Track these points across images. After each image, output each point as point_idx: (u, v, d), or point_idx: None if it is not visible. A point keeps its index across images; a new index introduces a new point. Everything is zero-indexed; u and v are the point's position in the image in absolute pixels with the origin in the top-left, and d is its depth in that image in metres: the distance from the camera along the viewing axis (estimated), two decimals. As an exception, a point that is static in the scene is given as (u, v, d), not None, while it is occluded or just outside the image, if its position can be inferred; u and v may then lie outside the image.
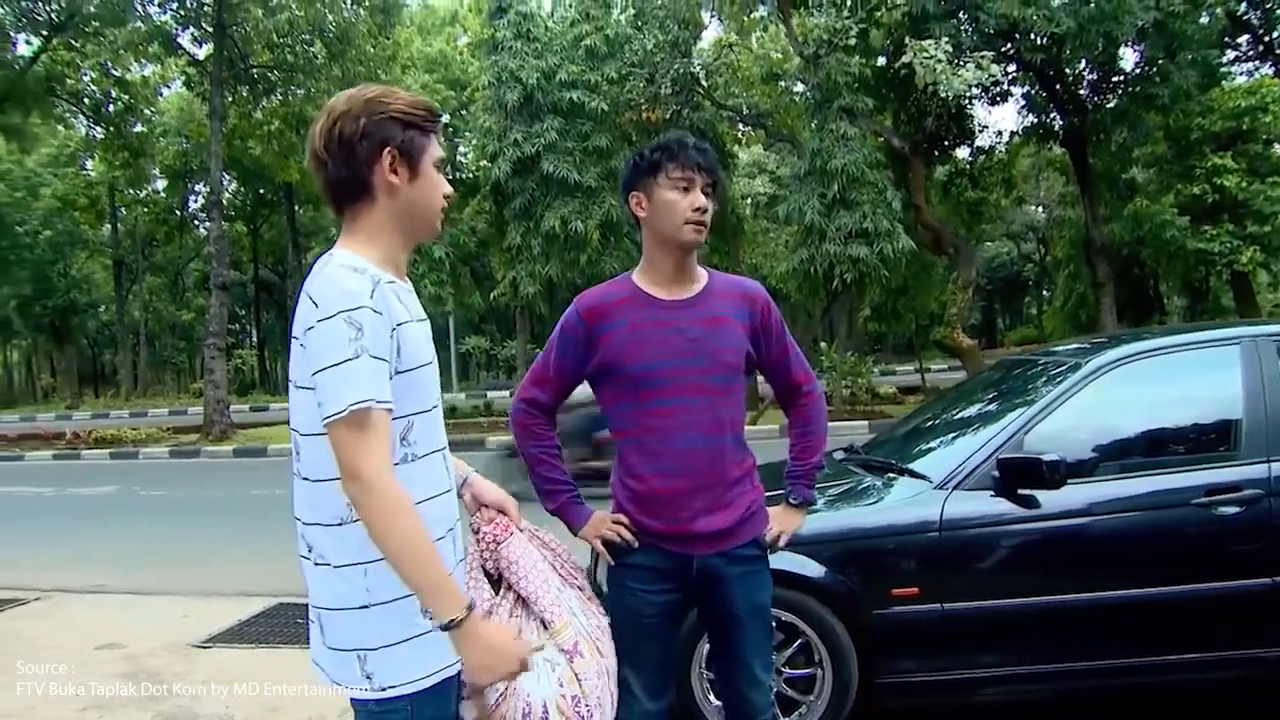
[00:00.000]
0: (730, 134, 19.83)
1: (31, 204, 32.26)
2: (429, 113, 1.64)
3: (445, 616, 1.44)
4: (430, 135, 1.64)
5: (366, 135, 1.57)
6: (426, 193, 1.64)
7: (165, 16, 18.37)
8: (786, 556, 3.04)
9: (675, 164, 2.07)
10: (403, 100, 1.61)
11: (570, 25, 17.74)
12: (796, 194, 14.45)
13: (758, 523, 2.15)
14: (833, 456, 3.97)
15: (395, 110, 1.59)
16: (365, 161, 1.58)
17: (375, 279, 1.51)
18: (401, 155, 1.60)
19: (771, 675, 2.23)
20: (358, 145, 1.57)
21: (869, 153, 13.63)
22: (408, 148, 1.60)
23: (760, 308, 2.15)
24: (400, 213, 1.62)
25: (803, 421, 2.27)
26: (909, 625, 3.01)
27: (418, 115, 1.61)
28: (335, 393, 1.43)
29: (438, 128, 1.67)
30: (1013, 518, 3.03)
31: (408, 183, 1.61)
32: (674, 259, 2.12)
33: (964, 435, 3.48)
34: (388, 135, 1.58)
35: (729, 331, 2.10)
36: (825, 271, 13.63)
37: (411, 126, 1.60)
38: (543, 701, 1.62)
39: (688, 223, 2.06)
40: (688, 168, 2.07)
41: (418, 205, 1.64)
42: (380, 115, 1.58)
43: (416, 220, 1.65)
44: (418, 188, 1.62)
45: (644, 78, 16.38)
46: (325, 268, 1.51)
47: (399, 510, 1.43)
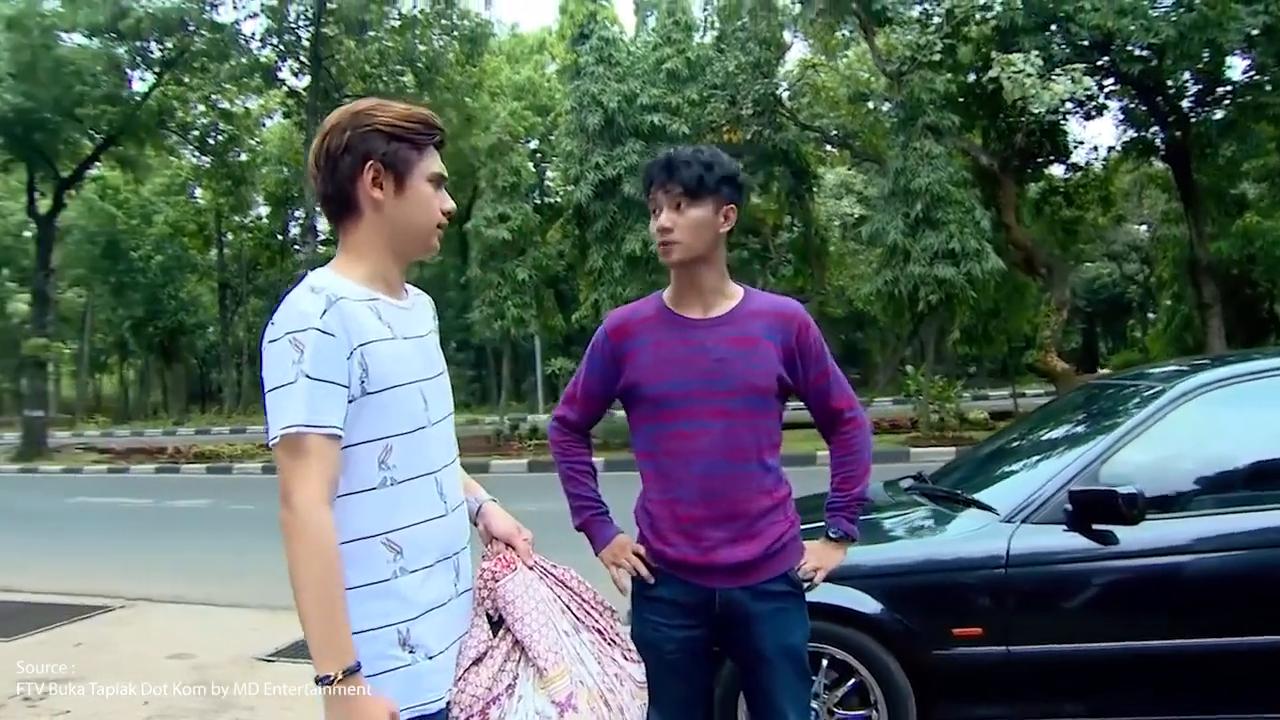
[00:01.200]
0: (815, 154, 19.60)
1: (145, 230, 34.08)
2: (424, 125, 1.58)
3: (320, 670, 1.36)
4: (424, 149, 1.58)
5: (350, 149, 1.53)
6: (415, 208, 1.57)
7: (267, 51, 19.26)
8: (840, 590, 2.90)
9: (647, 190, 2.01)
10: (392, 113, 1.56)
11: (652, 49, 17.83)
12: (880, 214, 14.15)
13: (788, 557, 2.01)
14: (898, 485, 3.80)
15: (380, 123, 1.54)
16: (348, 176, 1.54)
17: (331, 299, 1.45)
18: (386, 169, 1.54)
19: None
20: (341, 160, 1.53)
21: (955, 171, 13.23)
22: (392, 161, 1.54)
23: (797, 327, 2.00)
24: (387, 228, 1.57)
25: (844, 450, 2.10)
26: (971, 668, 2.81)
27: (408, 128, 1.55)
28: (273, 416, 1.40)
29: (432, 141, 1.59)
30: (1087, 555, 2.80)
31: (393, 197, 1.55)
32: (679, 278, 2.03)
33: (1035, 464, 3.27)
34: (371, 148, 1.53)
35: (758, 352, 1.97)
36: (909, 293, 13.25)
37: (399, 140, 1.54)
38: None
39: (661, 244, 1.98)
40: (651, 190, 1.99)
41: (405, 221, 1.57)
42: (364, 128, 1.53)
43: (405, 236, 1.59)
44: (404, 203, 1.56)
45: (725, 99, 16.32)
46: (293, 288, 1.48)
47: (314, 545, 1.37)
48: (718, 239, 2.00)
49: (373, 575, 1.48)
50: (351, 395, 1.45)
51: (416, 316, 1.65)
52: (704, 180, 1.93)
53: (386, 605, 1.48)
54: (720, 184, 1.95)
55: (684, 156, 1.96)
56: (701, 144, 13.52)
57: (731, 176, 1.97)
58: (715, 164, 1.95)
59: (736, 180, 1.99)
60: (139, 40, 18.05)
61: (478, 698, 1.54)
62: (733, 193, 1.98)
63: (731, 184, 1.98)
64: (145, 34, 17.82)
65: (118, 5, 16.98)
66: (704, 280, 2.01)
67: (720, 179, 1.95)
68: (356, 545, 1.47)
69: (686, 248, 1.96)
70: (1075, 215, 18.96)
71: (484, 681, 1.55)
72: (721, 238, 2.01)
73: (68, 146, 20.49)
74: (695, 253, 1.97)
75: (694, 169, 1.93)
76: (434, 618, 1.53)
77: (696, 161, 1.94)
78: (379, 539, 1.48)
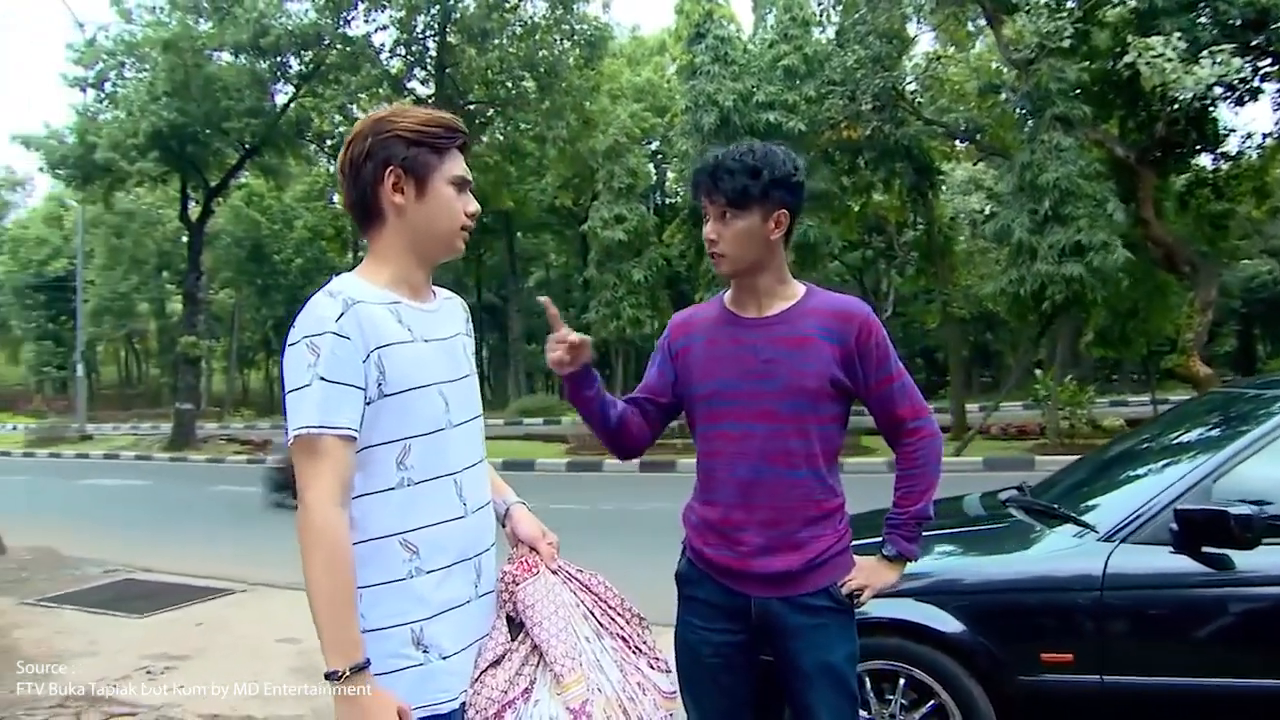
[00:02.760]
0: (938, 150, 18.89)
1: (286, 235, 36.13)
2: (445, 129, 1.58)
3: (328, 665, 1.38)
4: (445, 153, 1.58)
5: (371, 155, 1.55)
6: (436, 212, 1.58)
7: (395, 62, 20.07)
8: (918, 607, 2.76)
9: (694, 196, 1.96)
10: (412, 118, 1.57)
11: (768, 46, 17.60)
12: (1006, 210, 13.50)
13: (832, 571, 1.91)
14: (995, 496, 3.59)
15: (400, 128, 1.55)
16: (370, 182, 1.56)
17: (349, 302, 1.47)
18: (406, 174, 1.56)
19: None
20: (363, 167, 1.56)
21: (1087, 164, 12.45)
22: (411, 166, 1.55)
23: (857, 328, 1.89)
24: (409, 232, 1.58)
25: (907, 464, 1.97)
26: (1060, 697, 2.61)
27: (428, 132, 1.56)
28: (291, 418, 1.43)
29: (454, 144, 1.60)
30: (1194, 580, 2.56)
31: (415, 201, 1.57)
32: (735, 280, 1.98)
33: (1141, 478, 3.02)
34: (391, 154, 1.55)
35: (812, 354, 1.88)
36: (1035, 292, 12.57)
37: (419, 144, 1.56)
38: None
39: (710, 254, 1.94)
40: (701, 198, 1.93)
41: (427, 225, 1.59)
42: (385, 134, 1.55)
43: (428, 240, 1.60)
44: (425, 207, 1.57)
45: (844, 95, 15.92)
46: (315, 293, 1.50)
47: (324, 544, 1.40)
48: (770, 245, 1.92)
49: (388, 574, 1.49)
50: (369, 397, 1.48)
51: (443, 319, 1.65)
52: (748, 190, 1.86)
53: (401, 604, 1.49)
54: (769, 190, 1.86)
55: (729, 164, 1.88)
56: (818, 141, 13.15)
57: (783, 179, 1.87)
58: (764, 169, 1.86)
59: (790, 182, 1.89)
60: (279, 56, 19.15)
61: (493, 700, 1.52)
62: (785, 196, 1.89)
63: (784, 187, 1.88)
64: (284, 50, 18.89)
65: (260, 24, 18.06)
66: (759, 283, 1.95)
67: (768, 185, 1.86)
68: (373, 544, 1.49)
69: (734, 259, 1.91)
70: (1226, 209, 17.51)
71: (500, 684, 1.54)
72: (776, 243, 1.92)
73: (216, 157, 21.95)
74: (744, 263, 1.92)
75: (738, 179, 1.85)
76: (450, 618, 1.53)
77: (742, 169, 1.86)
78: (395, 539, 1.50)
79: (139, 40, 19.98)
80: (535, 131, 20.61)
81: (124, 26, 20.91)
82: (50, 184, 31.40)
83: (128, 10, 20.94)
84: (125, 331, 47.60)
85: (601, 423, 2.02)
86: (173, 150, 20.32)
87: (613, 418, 2.01)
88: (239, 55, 19.12)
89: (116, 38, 20.69)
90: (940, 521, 3.49)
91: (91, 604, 6.07)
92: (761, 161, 1.87)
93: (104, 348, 52.38)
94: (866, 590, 1.93)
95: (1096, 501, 3.03)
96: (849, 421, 1.99)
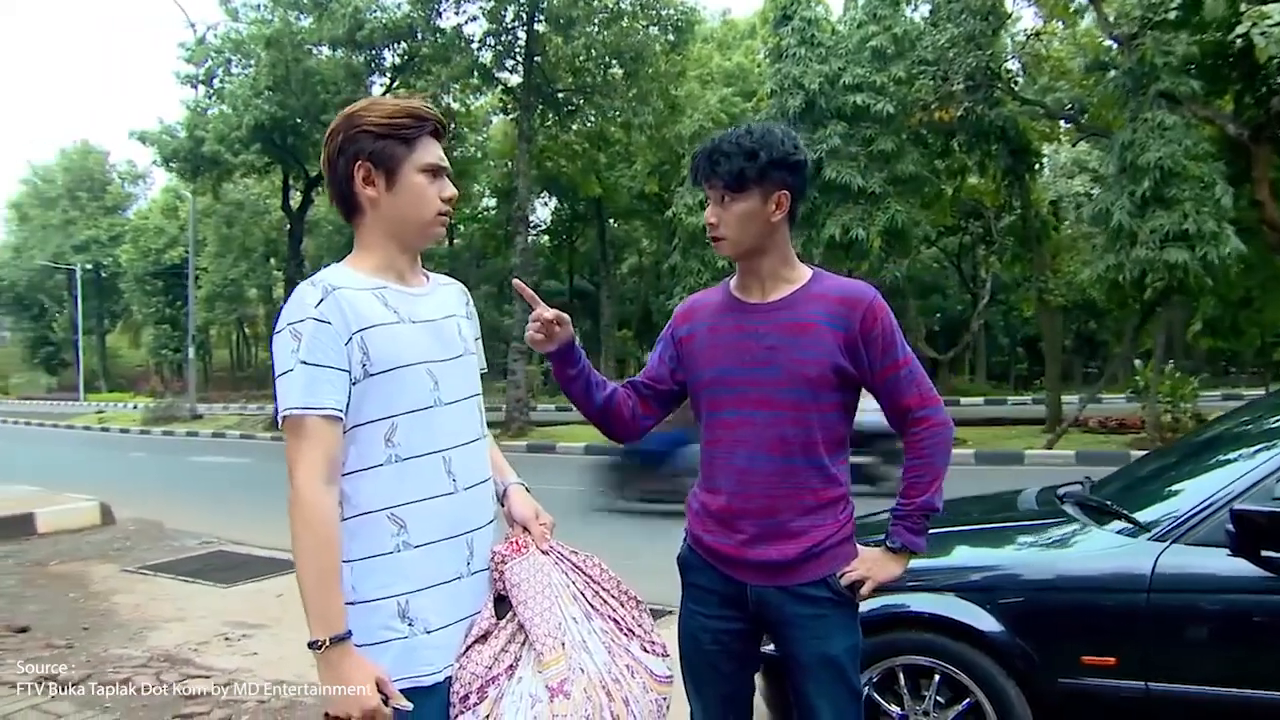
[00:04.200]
0: (1037, 131, 18.12)
1: (384, 223, 37.17)
2: (413, 119, 1.62)
3: (311, 635, 1.45)
4: (414, 142, 1.62)
5: (342, 151, 1.62)
6: (408, 202, 1.63)
7: (485, 52, 20.41)
8: (956, 603, 2.71)
9: (694, 181, 1.94)
10: (379, 111, 1.61)
11: (857, 27, 17.20)
12: (1105, 193, 12.88)
13: (831, 561, 1.88)
14: (1053, 492, 3.46)
15: (367, 123, 1.60)
16: (345, 177, 1.62)
17: (328, 289, 1.53)
18: (376, 167, 1.61)
19: None
20: (338, 163, 1.62)
21: (1193, 143, 11.73)
22: (380, 158, 1.60)
23: (862, 314, 1.85)
24: (385, 223, 1.64)
25: (915, 453, 1.91)
26: (1102, 701, 2.52)
27: (394, 124, 1.60)
28: (279, 401, 1.50)
29: (424, 133, 1.63)
30: (1250, 585, 2.42)
31: (386, 193, 1.62)
32: (740, 265, 1.97)
33: (1200, 476, 2.87)
34: (359, 149, 1.60)
35: (813, 340, 1.85)
36: (1135, 280, 11.95)
37: (386, 137, 1.60)
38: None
39: (710, 238, 1.92)
40: (700, 182, 1.92)
41: (400, 214, 1.64)
42: (354, 129, 1.61)
43: (404, 229, 1.65)
44: (397, 197, 1.62)
45: (936, 75, 15.43)
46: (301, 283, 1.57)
47: (309, 521, 1.46)
48: (772, 227, 1.90)
49: (376, 548, 1.55)
50: (355, 378, 1.54)
51: (435, 302, 1.70)
52: (745, 173, 1.84)
53: (388, 577, 1.54)
54: (767, 171, 1.84)
55: (726, 147, 1.86)
56: (909, 123, 12.70)
57: (781, 160, 1.85)
58: (760, 150, 1.84)
59: (789, 162, 1.86)
60: (373, 49, 19.69)
61: (478, 675, 1.57)
62: (785, 176, 1.86)
63: (783, 167, 1.85)
64: (378, 43, 19.41)
65: (355, 18, 18.60)
66: (762, 267, 1.94)
67: (765, 166, 1.84)
68: (362, 519, 1.55)
69: (734, 243, 1.90)
70: (1355, 190, 16.31)
71: (485, 660, 1.58)
72: (778, 225, 1.90)
73: (315, 149, 22.67)
74: (745, 246, 1.90)
75: (734, 161, 1.84)
76: (437, 592, 1.58)
77: (739, 152, 1.84)
78: (383, 513, 1.55)
79: (244, 38, 20.85)
80: (622, 118, 20.67)
81: (231, 25, 21.87)
82: (167, 177, 33.15)
83: (234, 9, 21.87)
84: (236, 316, 49.93)
85: (586, 404, 2.03)
86: (274, 142, 21.14)
87: (598, 399, 2.02)
88: (336, 49, 19.74)
89: (224, 36, 21.62)
90: (989, 516, 3.41)
91: (184, 573, 6.44)
92: (758, 143, 1.85)
93: (216, 332, 55.07)
94: (869, 582, 1.89)
95: (1151, 498, 2.89)
96: (857, 409, 1.95)
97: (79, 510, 8.54)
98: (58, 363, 59.61)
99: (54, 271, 54.04)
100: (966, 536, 3.11)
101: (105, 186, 56.75)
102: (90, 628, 5.05)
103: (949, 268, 37.89)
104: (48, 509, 8.38)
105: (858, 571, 1.89)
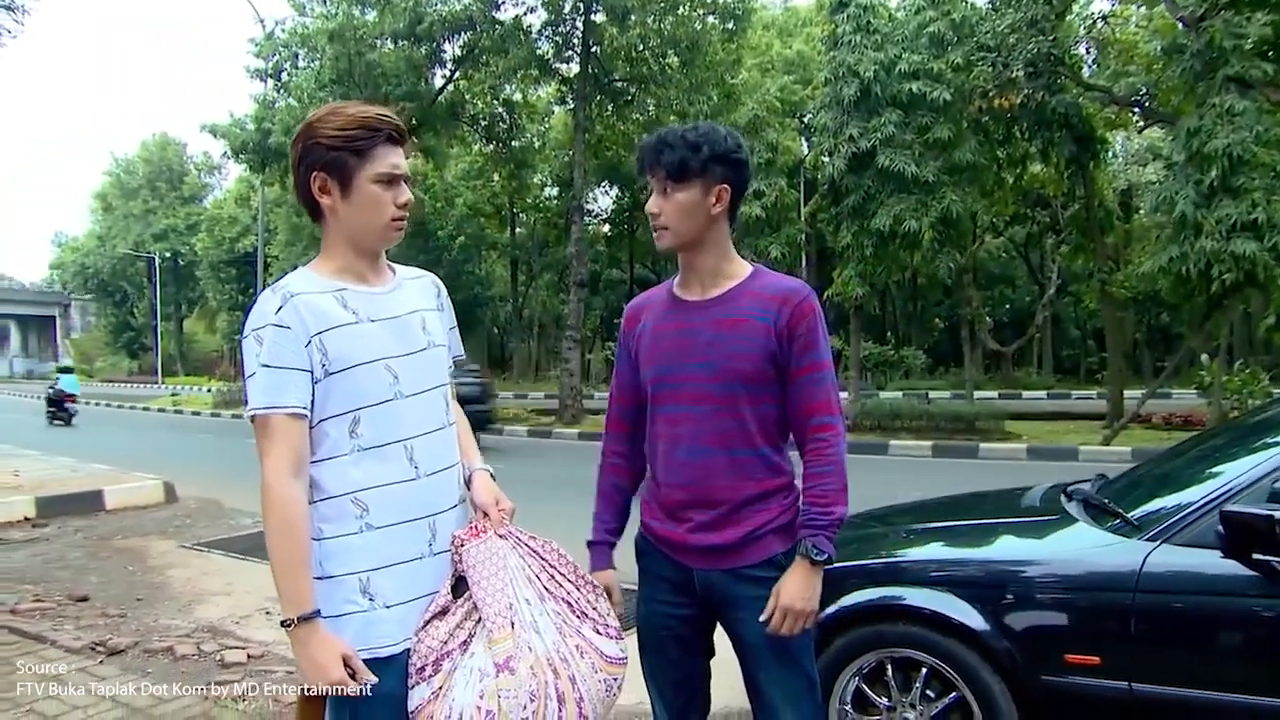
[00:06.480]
0: (1102, 118, 17.55)
1: (448, 212, 37.77)
2: (366, 130, 1.69)
3: (283, 614, 1.58)
4: (367, 153, 1.69)
5: (300, 161, 1.71)
6: (361, 210, 1.72)
7: (544, 44, 20.59)
8: (940, 598, 2.73)
9: (640, 172, 1.98)
10: (333, 123, 1.69)
11: (914, 14, 16.89)
12: (1170, 181, 12.45)
13: (774, 543, 1.93)
14: (1059, 489, 3.44)
15: (322, 135, 1.69)
16: (303, 185, 1.72)
17: (287, 296, 1.64)
18: (330, 178, 1.70)
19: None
20: (298, 170, 1.72)
21: (1266, 130, 11.25)
22: (333, 169, 1.69)
23: (791, 309, 1.89)
24: (343, 228, 1.74)
25: (823, 461, 1.89)
26: (1085, 700, 2.51)
27: (345, 136, 1.68)
28: (248, 401, 1.63)
29: (377, 142, 1.70)
30: (1240, 587, 2.38)
31: (341, 201, 1.71)
32: (680, 262, 2.03)
33: (1195, 475, 2.83)
34: (315, 159, 1.70)
35: (745, 336, 1.90)
36: (1200, 271, 11.55)
37: (339, 149, 1.68)
38: (460, 710, 1.62)
39: (652, 228, 1.96)
40: (647, 173, 1.96)
41: (354, 222, 1.73)
42: (310, 140, 1.70)
43: (361, 234, 1.75)
44: (351, 205, 1.72)
45: (995, 62, 15.06)
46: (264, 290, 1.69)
47: (277, 511, 1.59)
48: (711, 221, 1.95)
49: (342, 529, 1.68)
50: (316, 377, 1.66)
51: (398, 300, 1.81)
52: (687, 163, 1.90)
53: (351, 556, 1.67)
54: (709, 165, 1.90)
55: (671, 139, 1.92)
56: (967, 111, 12.37)
57: (722, 155, 1.91)
58: (703, 144, 1.90)
59: (730, 158, 1.92)
60: (433, 41, 20.00)
61: (433, 649, 1.69)
62: (726, 172, 1.92)
63: (724, 163, 1.91)
64: (438, 35, 19.71)
65: (415, 12, 18.93)
66: (701, 262, 1.99)
67: (707, 160, 1.90)
68: (330, 503, 1.68)
69: (675, 233, 1.95)
70: None
71: (441, 635, 1.70)
72: (717, 218, 1.96)
73: (379, 140, 23.14)
74: (685, 237, 1.96)
75: (677, 152, 1.90)
76: (397, 571, 1.70)
77: (683, 144, 1.90)
78: (347, 498, 1.68)
79: (310, 32, 21.35)
80: (678, 107, 20.65)
81: (298, 20, 22.44)
82: (240, 168, 34.19)
83: (301, 4, 22.44)
84: (305, 304, 51.25)
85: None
86: (338, 135, 21.58)
87: (630, 499, 2.16)
88: (397, 43, 20.11)
89: (291, 30, 22.20)
90: (988, 513, 3.41)
91: (236, 550, 6.74)
92: (702, 138, 1.91)
93: (287, 318, 56.58)
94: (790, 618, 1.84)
95: (1148, 497, 2.87)
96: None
97: (144, 488, 9.00)
98: (138, 347, 62.24)
99: (135, 259, 56.38)
100: (959, 532, 3.12)
101: (183, 177, 58.93)
102: (144, 599, 5.35)
103: (1017, 258, 36.96)
104: (115, 487, 8.85)
105: (783, 601, 1.85)
